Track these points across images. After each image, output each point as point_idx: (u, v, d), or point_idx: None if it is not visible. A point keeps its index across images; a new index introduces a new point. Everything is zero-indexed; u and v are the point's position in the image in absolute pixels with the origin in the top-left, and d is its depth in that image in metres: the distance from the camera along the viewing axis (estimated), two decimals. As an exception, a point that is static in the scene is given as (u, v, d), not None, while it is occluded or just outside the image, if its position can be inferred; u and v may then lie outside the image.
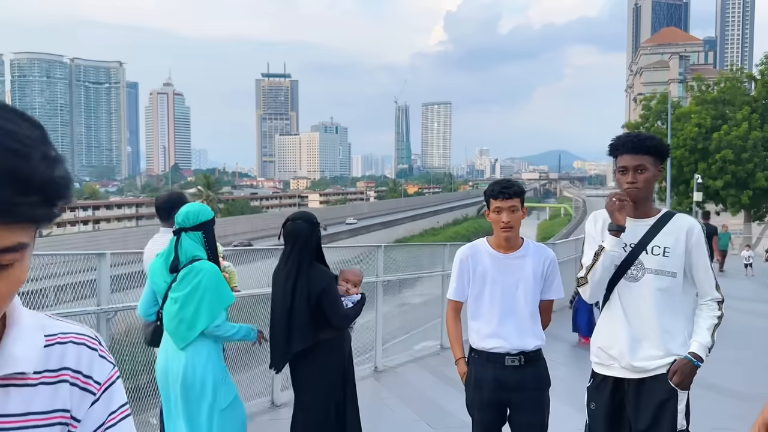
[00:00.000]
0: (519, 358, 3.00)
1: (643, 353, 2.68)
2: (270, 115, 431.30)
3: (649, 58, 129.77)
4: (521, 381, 3.00)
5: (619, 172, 2.76)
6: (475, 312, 3.09)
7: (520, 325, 3.02)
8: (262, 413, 5.31)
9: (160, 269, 3.39)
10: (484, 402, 3.02)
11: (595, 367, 2.85)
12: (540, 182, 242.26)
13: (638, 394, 2.69)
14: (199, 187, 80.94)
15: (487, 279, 3.04)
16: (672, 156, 35.33)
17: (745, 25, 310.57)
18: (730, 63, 79.06)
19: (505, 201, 2.98)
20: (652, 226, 2.72)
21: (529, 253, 3.08)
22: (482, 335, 3.03)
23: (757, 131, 34.04)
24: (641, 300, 2.69)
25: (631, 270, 2.71)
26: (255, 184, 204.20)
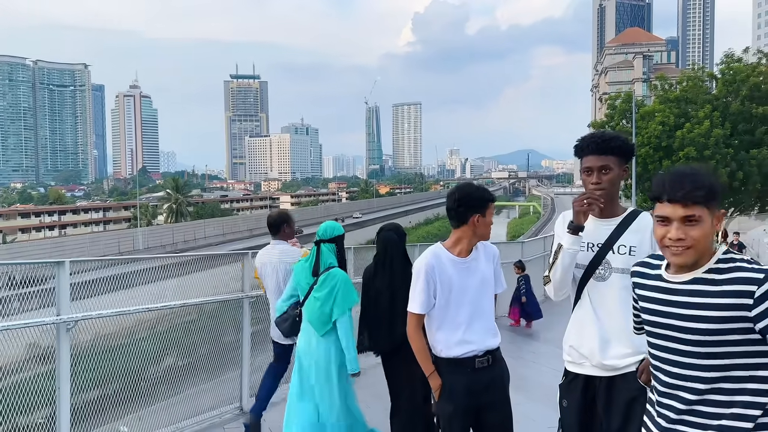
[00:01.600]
0: (487, 358, 3.05)
1: (613, 352, 2.72)
2: (239, 116, 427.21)
3: (614, 57, 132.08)
4: (491, 381, 3.05)
5: (584, 173, 2.76)
6: (441, 322, 3.05)
7: (486, 325, 3.08)
8: (231, 420, 5.27)
9: (304, 272, 4.18)
10: (458, 410, 3.01)
11: (567, 365, 2.88)
12: (509, 181, 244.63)
13: (608, 392, 2.73)
14: (167, 190, 79.70)
15: (454, 287, 3.03)
16: (637, 154, 36.02)
17: (706, 25, 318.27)
18: (691, 62, 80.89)
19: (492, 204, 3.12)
20: (618, 226, 2.74)
21: (480, 253, 3.12)
22: (451, 344, 3.02)
23: (719, 129, 34.87)
24: (609, 299, 2.73)
25: (599, 270, 2.74)
26: (225, 187, 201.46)
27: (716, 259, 1.88)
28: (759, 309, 1.76)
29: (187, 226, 60.56)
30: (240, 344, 5.51)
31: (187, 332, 5.40)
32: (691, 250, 1.86)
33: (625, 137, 2.83)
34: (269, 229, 5.10)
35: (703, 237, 1.85)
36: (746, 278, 1.80)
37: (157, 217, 78.35)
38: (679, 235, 1.85)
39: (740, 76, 36.18)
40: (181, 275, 5.38)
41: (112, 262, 5.47)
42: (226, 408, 5.43)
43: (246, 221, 69.44)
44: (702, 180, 1.86)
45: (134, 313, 4.60)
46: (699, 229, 1.85)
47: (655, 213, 1.95)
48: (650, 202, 6.30)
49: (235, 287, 5.50)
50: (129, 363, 4.86)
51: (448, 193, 3.17)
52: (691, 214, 1.84)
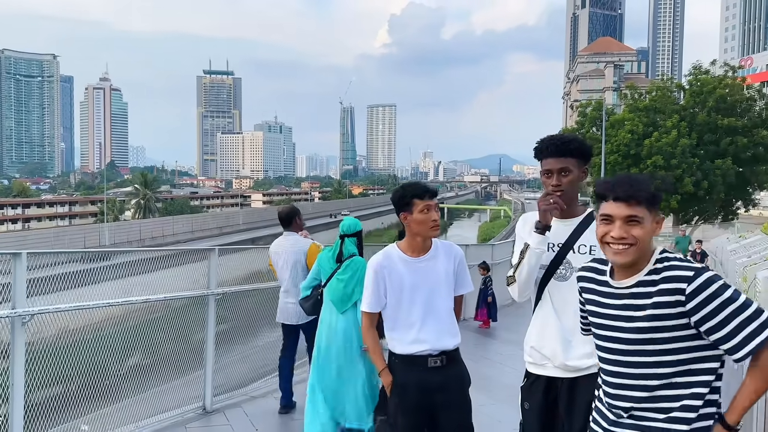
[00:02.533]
0: (441, 358, 3.03)
1: (576, 352, 2.72)
2: (212, 112, 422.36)
3: (586, 66, 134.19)
4: (445, 381, 3.03)
5: (544, 175, 2.79)
6: (395, 321, 3.08)
7: (440, 326, 3.05)
8: (193, 419, 5.20)
9: (328, 259, 4.74)
10: (410, 407, 3.02)
11: (528, 367, 2.88)
12: (481, 185, 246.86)
13: (571, 393, 2.74)
14: (136, 185, 78.38)
15: (405, 286, 3.05)
16: (606, 161, 36.65)
17: (675, 37, 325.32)
18: (661, 73, 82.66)
19: (432, 200, 3.07)
20: (578, 226, 2.78)
21: (439, 253, 3.11)
22: (404, 342, 3.04)
23: (686, 139, 35.65)
24: (571, 299, 2.70)
25: (560, 270, 2.76)
26: (195, 183, 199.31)
27: (654, 260, 1.98)
28: (691, 304, 1.86)
29: (155, 222, 59.62)
30: (204, 343, 5.43)
31: (152, 329, 5.32)
32: (632, 249, 1.95)
33: (582, 139, 2.87)
34: (281, 223, 5.69)
35: (644, 237, 1.95)
36: (677, 276, 1.90)
37: (124, 212, 77.00)
38: (622, 234, 1.94)
39: (707, 88, 37.07)
40: (147, 271, 5.29)
41: (77, 257, 5.34)
42: (189, 407, 5.36)
43: (216, 219, 68.69)
44: (645, 184, 1.98)
45: (94, 308, 4.51)
46: (640, 229, 1.94)
47: (599, 212, 2.03)
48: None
49: (200, 284, 5.42)
50: (92, 360, 4.76)
51: None
52: (633, 213, 1.95)
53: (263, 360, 7.01)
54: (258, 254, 7.57)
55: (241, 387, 6.15)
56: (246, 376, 6.48)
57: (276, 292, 6.85)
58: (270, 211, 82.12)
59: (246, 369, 6.66)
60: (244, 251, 7.76)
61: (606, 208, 2.00)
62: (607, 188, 2.00)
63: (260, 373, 6.71)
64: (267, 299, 6.87)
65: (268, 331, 7.28)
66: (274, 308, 7.02)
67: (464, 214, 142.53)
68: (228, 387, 5.99)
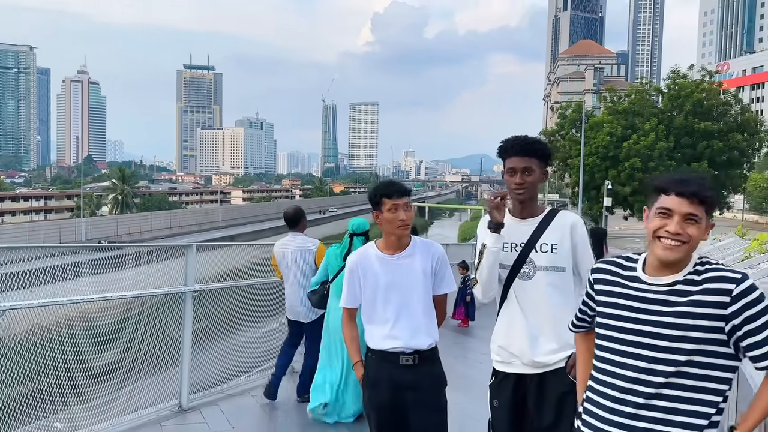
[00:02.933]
0: (414, 357, 3.01)
1: (542, 348, 2.79)
2: (192, 107, 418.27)
3: (567, 68, 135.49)
4: (416, 380, 3.01)
5: (507, 174, 2.84)
6: (370, 317, 3.10)
7: (414, 324, 3.03)
8: (169, 417, 5.15)
9: (336, 257, 5.11)
10: (381, 402, 3.03)
11: (496, 366, 2.93)
12: (462, 185, 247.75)
13: (539, 389, 2.79)
14: (113, 180, 77.39)
15: (379, 283, 3.06)
16: (585, 163, 37.04)
17: (655, 42, 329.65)
18: (640, 76, 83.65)
19: (401, 199, 3.04)
20: (539, 225, 2.84)
21: (416, 251, 3.09)
22: (378, 337, 3.06)
23: (663, 142, 36.20)
24: (536, 297, 2.81)
25: (523, 269, 2.82)
26: (174, 179, 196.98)
27: (694, 263, 1.96)
28: (734, 307, 1.85)
29: (133, 218, 58.99)
30: (181, 340, 5.38)
31: (128, 326, 5.26)
32: (684, 247, 1.92)
33: (546, 142, 2.96)
34: (287, 223, 5.79)
35: (697, 237, 1.93)
36: (725, 277, 1.89)
37: (101, 207, 75.96)
38: (678, 230, 1.91)
39: (685, 92, 37.67)
40: (123, 268, 5.22)
41: (52, 252, 5.26)
42: (165, 405, 5.30)
43: (195, 215, 68.18)
44: (709, 185, 1.96)
45: (68, 305, 4.44)
46: (696, 229, 1.92)
47: (657, 205, 1.98)
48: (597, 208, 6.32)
49: (178, 281, 5.37)
50: (66, 357, 4.69)
51: None
52: (694, 212, 1.92)
53: (242, 358, 6.97)
54: (238, 251, 7.53)
55: (219, 385, 6.11)
56: (224, 374, 6.44)
57: (258, 289, 6.83)
58: (250, 208, 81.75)
59: (224, 367, 6.61)
60: (224, 248, 7.70)
61: (666, 202, 1.95)
62: (671, 183, 1.96)
63: (238, 371, 6.67)
64: (247, 297, 6.84)
65: (249, 329, 7.25)
66: (254, 306, 7.00)
67: (445, 214, 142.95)
68: (206, 385, 5.95)
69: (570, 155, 39.69)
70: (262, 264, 7.04)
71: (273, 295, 7.02)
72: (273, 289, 6.97)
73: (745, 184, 42.67)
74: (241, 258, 7.21)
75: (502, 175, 2.90)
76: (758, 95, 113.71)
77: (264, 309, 7.08)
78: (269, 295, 6.99)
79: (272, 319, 7.36)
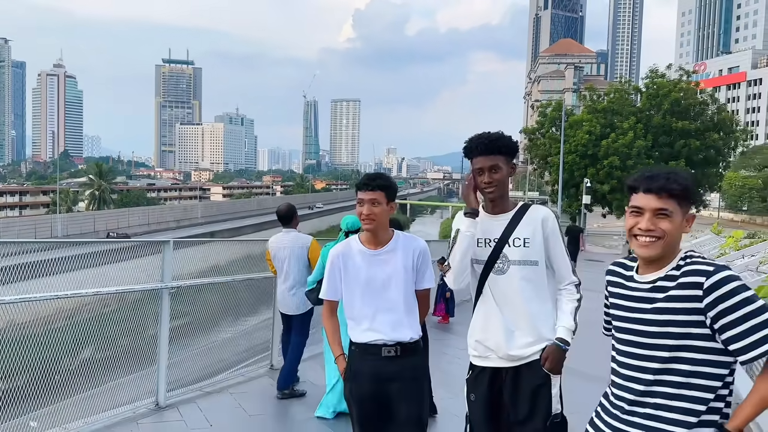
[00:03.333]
0: (396, 348, 2.99)
1: (518, 341, 2.82)
2: (171, 102, 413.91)
3: (547, 67, 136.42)
4: (398, 371, 2.98)
5: (476, 173, 2.87)
6: (351, 311, 3.08)
7: (396, 318, 3.02)
8: (146, 415, 5.09)
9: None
10: (363, 395, 3.01)
11: (473, 360, 2.96)
12: (444, 182, 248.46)
13: (515, 382, 2.82)
14: (90, 175, 76.27)
15: (360, 276, 3.04)
16: (564, 161, 37.35)
17: (634, 41, 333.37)
18: (619, 75, 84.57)
19: (367, 193, 2.98)
20: (511, 220, 2.87)
21: (398, 246, 3.07)
22: (359, 331, 3.04)
23: (641, 140, 36.63)
24: (510, 291, 2.84)
25: (497, 264, 2.85)
26: (153, 175, 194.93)
27: (678, 258, 1.97)
28: (708, 299, 1.84)
29: (110, 214, 58.22)
30: (158, 338, 5.30)
31: (106, 323, 5.18)
32: (659, 243, 1.94)
33: (509, 136, 2.94)
34: (281, 220, 5.98)
35: (672, 231, 1.94)
36: (697, 270, 1.89)
37: (78, 203, 74.88)
38: (649, 226, 1.93)
39: (663, 91, 38.14)
40: (100, 264, 5.13)
41: (27, 249, 5.15)
42: (142, 402, 5.24)
43: (173, 211, 67.46)
44: (679, 178, 1.95)
45: (42, 301, 4.35)
46: (669, 223, 1.93)
47: (629, 204, 2.02)
48: (576, 205, 6.44)
49: (154, 277, 5.29)
50: (41, 354, 4.60)
51: None
52: (663, 207, 1.93)
53: (223, 354, 6.91)
54: (219, 248, 7.44)
55: (199, 382, 6.05)
56: (204, 371, 6.37)
57: (239, 286, 6.77)
58: (230, 205, 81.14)
59: (205, 364, 6.54)
60: (203, 244, 7.62)
61: (636, 200, 1.98)
62: (640, 180, 1.99)
63: (219, 368, 6.61)
64: (228, 293, 6.77)
65: (230, 326, 7.19)
66: (235, 303, 6.94)
67: (427, 211, 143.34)
68: (185, 382, 5.88)
69: (550, 153, 40.00)
70: (243, 260, 6.98)
71: (254, 292, 6.97)
72: (254, 286, 6.92)
73: (720, 182, 43.36)
74: (221, 254, 7.13)
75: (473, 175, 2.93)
76: (734, 95, 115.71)
77: (245, 306, 7.03)
78: (250, 291, 6.94)
79: (253, 315, 7.31)
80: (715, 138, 37.42)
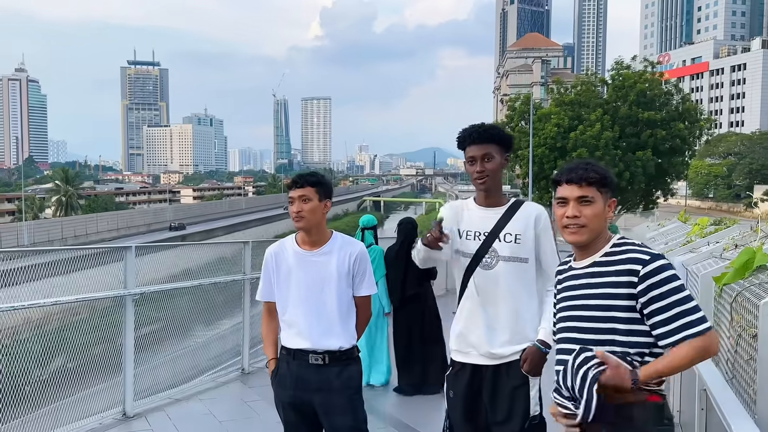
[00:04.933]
0: (323, 357, 2.87)
1: (499, 339, 2.76)
2: (137, 105, 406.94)
3: (515, 61, 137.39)
4: (324, 381, 2.87)
5: (468, 163, 2.81)
6: (282, 313, 2.97)
7: (326, 325, 2.89)
8: (112, 426, 4.97)
9: None
10: (287, 401, 2.92)
11: (453, 355, 2.90)
12: (417, 178, 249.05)
13: (494, 381, 2.76)
14: (56, 181, 74.59)
15: (292, 278, 2.92)
16: (534, 154, 37.68)
17: (599, 34, 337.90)
18: (586, 68, 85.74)
19: (296, 191, 2.86)
20: (504, 215, 2.80)
21: (335, 248, 2.93)
22: (289, 335, 2.94)
23: (608, 131, 37.08)
24: (497, 287, 2.76)
25: (485, 258, 2.77)
26: (121, 179, 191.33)
27: (612, 244, 2.10)
28: (642, 286, 1.96)
29: (78, 220, 56.96)
30: (123, 346, 5.16)
31: (73, 333, 5.02)
32: (585, 229, 2.07)
33: (503, 128, 2.95)
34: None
35: (596, 217, 2.07)
36: (634, 258, 2.01)
37: (44, 210, 73.15)
38: (575, 213, 2.07)
39: (628, 83, 38.65)
40: (64, 273, 4.97)
41: None
42: (109, 413, 5.11)
43: (143, 215, 66.34)
44: (596, 168, 2.12)
45: (3, 311, 4.20)
46: (592, 209, 2.07)
47: (555, 196, 2.15)
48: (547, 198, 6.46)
49: (116, 284, 5.14)
50: (4, 366, 4.44)
51: None
52: (585, 194, 2.07)
53: (195, 360, 6.78)
54: (189, 251, 7.31)
55: (171, 389, 5.93)
56: (176, 378, 6.25)
57: (211, 289, 6.65)
58: (201, 207, 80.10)
59: (176, 371, 6.41)
60: (173, 249, 7.46)
61: (560, 191, 2.12)
62: (562, 173, 2.14)
63: (191, 375, 6.49)
64: (200, 298, 6.64)
65: (202, 331, 7.06)
66: (208, 307, 6.81)
67: (400, 207, 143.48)
68: (156, 390, 5.76)
69: (520, 147, 40.33)
70: (216, 263, 6.88)
71: (227, 295, 6.86)
72: (227, 289, 6.81)
73: (687, 170, 44.17)
74: (193, 258, 7.01)
75: (465, 167, 2.86)
76: (697, 85, 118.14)
77: (218, 309, 6.91)
78: (224, 294, 6.83)
79: (227, 319, 7.20)
80: (680, 127, 38.08)
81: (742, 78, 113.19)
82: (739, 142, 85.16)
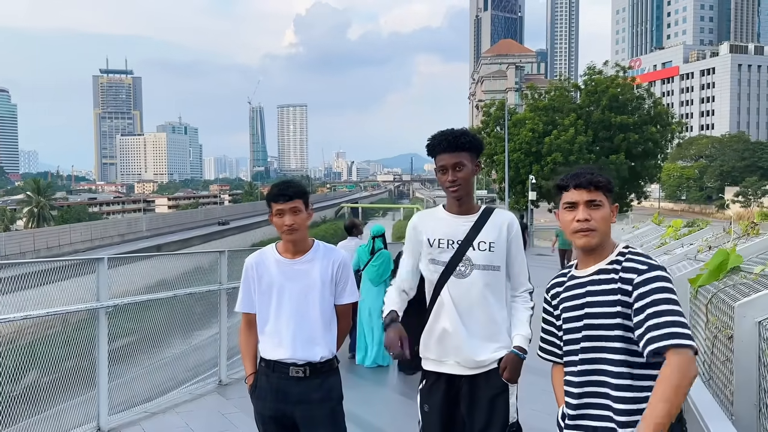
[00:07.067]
0: (305, 369, 2.82)
1: (476, 348, 2.71)
2: (110, 113, 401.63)
3: (489, 67, 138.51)
4: (305, 393, 2.82)
5: (439, 171, 2.76)
6: (263, 323, 2.91)
7: (308, 335, 2.85)
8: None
9: (365, 253, 7.45)
10: (266, 414, 2.86)
11: (426, 366, 2.82)
12: (394, 184, 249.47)
13: (471, 390, 2.71)
14: (28, 192, 73.15)
15: (274, 287, 2.86)
16: (510, 159, 37.99)
17: (572, 40, 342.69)
18: (559, 73, 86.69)
19: (287, 204, 2.81)
20: (476, 222, 2.76)
21: (317, 256, 2.90)
22: (269, 346, 2.88)
23: (582, 136, 37.54)
24: (471, 296, 2.71)
25: (459, 267, 2.72)
26: (94, 189, 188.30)
27: (617, 252, 2.09)
28: (636, 293, 1.96)
29: (50, 231, 55.84)
30: (96, 360, 5.05)
31: (46, 347, 4.90)
32: (596, 233, 2.08)
33: (474, 133, 2.88)
34: (347, 231, 8.03)
35: (604, 220, 2.09)
36: (632, 268, 2.01)
37: (15, 221, 71.68)
38: (586, 216, 2.07)
39: (601, 87, 39.19)
40: (34, 285, 4.84)
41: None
42: (83, 428, 4.99)
43: (117, 225, 65.26)
44: (602, 172, 2.16)
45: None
46: (600, 212, 2.09)
47: (562, 201, 2.15)
48: (523, 202, 6.47)
49: (88, 296, 5.03)
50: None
51: None
52: (594, 198, 2.09)
53: (173, 372, 6.66)
54: (164, 261, 7.18)
55: (147, 402, 5.81)
56: (151, 392, 6.12)
57: (188, 299, 6.54)
58: (176, 216, 79.03)
59: (153, 383, 6.28)
60: (147, 259, 7.33)
61: (569, 196, 2.13)
62: (568, 179, 2.14)
63: (168, 387, 6.36)
64: (177, 308, 6.52)
65: (180, 342, 6.94)
66: (186, 317, 6.69)
67: (378, 213, 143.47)
68: (132, 403, 5.64)
69: (495, 152, 40.60)
70: (192, 273, 6.77)
71: (205, 305, 6.76)
72: (204, 299, 6.71)
73: (659, 173, 44.88)
74: (169, 269, 6.88)
75: (436, 175, 2.81)
76: (668, 89, 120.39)
77: (195, 320, 6.80)
78: (201, 305, 6.72)
79: (205, 329, 7.09)
80: (652, 131, 38.67)
81: (711, 82, 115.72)
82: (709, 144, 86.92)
